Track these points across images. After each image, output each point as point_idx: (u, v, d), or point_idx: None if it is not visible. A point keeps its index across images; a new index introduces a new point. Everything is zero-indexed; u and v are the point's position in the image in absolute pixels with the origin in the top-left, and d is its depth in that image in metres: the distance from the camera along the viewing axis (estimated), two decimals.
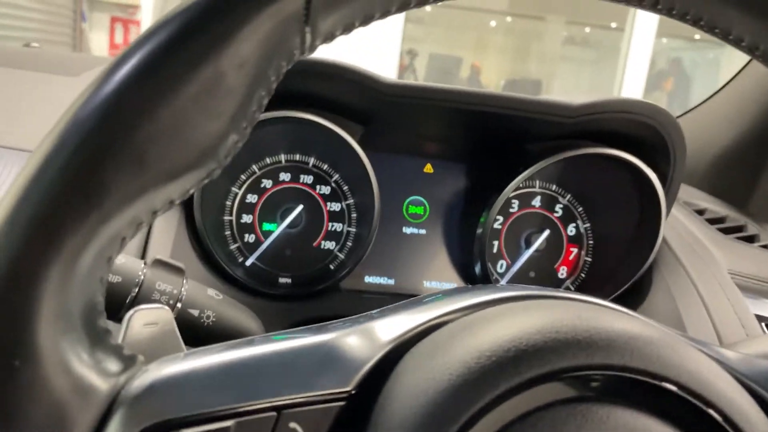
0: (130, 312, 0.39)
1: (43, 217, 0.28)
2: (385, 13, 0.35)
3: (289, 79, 0.74)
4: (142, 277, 0.46)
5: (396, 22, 8.81)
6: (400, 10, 0.36)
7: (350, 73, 0.71)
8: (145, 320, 0.39)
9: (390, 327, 0.39)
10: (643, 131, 0.80)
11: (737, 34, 0.37)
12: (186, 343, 0.49)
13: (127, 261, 0.47)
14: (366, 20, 0.35)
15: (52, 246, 0.28)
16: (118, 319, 0.47)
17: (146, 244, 0.71)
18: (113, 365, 0.31)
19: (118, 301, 0.45)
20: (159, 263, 0.48)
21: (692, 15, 0.38)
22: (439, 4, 0.38)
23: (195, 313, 0.47)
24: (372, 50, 8.29)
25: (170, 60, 0.30)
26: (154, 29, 0.30)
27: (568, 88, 10.99)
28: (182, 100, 0.30)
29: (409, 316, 0.40)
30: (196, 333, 0.47)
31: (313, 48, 0.34)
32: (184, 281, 0.48)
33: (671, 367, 0.35)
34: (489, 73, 10.87)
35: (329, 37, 0.34)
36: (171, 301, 0.46)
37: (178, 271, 0.48)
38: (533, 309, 0.38)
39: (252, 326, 0.52)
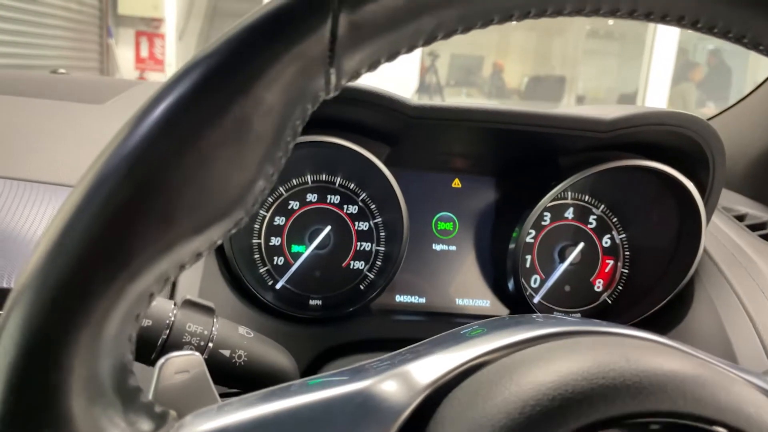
0: (161, 361, 0.38)
1: (70, 283, 0.27)
2: (411, 48, 0.34)
3: (323, 105, 0.73)
4: (173, 318, 0.46)
5: None
6: (426, 44, 0.34)
7: (377, 98, 0.70)
8: (177, 368, 0.38)
9: (426, 369, 0.37)
10: (679, 141, 0.77)
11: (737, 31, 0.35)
12: (218, 383, 0.48)
13: (157, 303, 0.46)
14: (392, 56, 0.34)
15: (81, 311, 0.27)
16: (150, 362, 0.46)
17: None
18: (146, 425, 0.31)
19: (150, 345, 0.44)
20: (189, 304, 0.47)
21: (735, 32, 0.36)
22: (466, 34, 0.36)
23: (226, 353, 0.46)
24: None
25: (193, 111, 0.29)
26: (176, 78, 0.30)
27: (592, 82, 10.85)
28: (208, 151, 0.29)
29: (445, 356, 0.39)
30: (228, 373, 0.46)
31: (338, 87, 0.33)
32: (215, 321, 0.47)
33: (727, 411, 0.33)
34: (512, 70, 10.80)
35: (355, 76, 0.33)
36: (202, 343, 0.45)
37: (208, 310, 0.48)
38: (577, 350, 0.36)
39: (284, 363, 0.50)
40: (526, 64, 11.33)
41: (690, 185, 0.77)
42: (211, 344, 0.46)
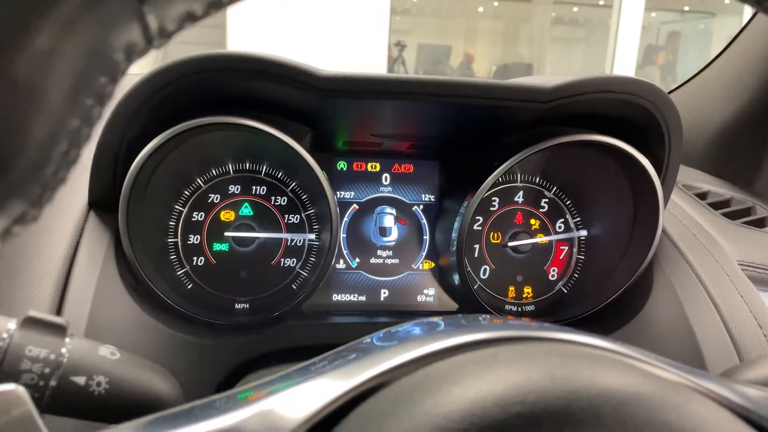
0: None
1: None
2: None
3: (221, 79, 0.64)
4: (8, 340, 0.37)
5: (382, 14, 8.70)
6: None
7: (282, 68, 0.61)
8: None
9: (305, 399, 0.30)
10: (631, 112, 0.70)
11: None
12: (74, 416, 0.39)
13: None
14: None
15: None
16: None
17: (68, 277, 0.62)
18: None
19: None
20: (31, 321, 0.38)
21: None
22: None
23: (80, 381, 0.37)
24: (359, 46, 8.17)
25: None
26: None
27: (560, 68, 10.91)
28: None
29: (331, 381, 0.31)
30: (84, 405, 0.38)
31: (164, 34, 0.24)
32: (67, 340, 0.39)
33: None
34: (480, 59, 10.78)
35: (187, 18, 0.25)
36: (47, 370, 0.37)
37: (58, 329, 0.39)
38: (493, 366, 0.29)
39: (161, 388, 0.42)
40: (494, 52, 11.32)
41: (644, 161, 0.70)
42: (60, 370, 0.37)
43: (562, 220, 0.83)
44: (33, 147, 0.23)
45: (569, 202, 0.83)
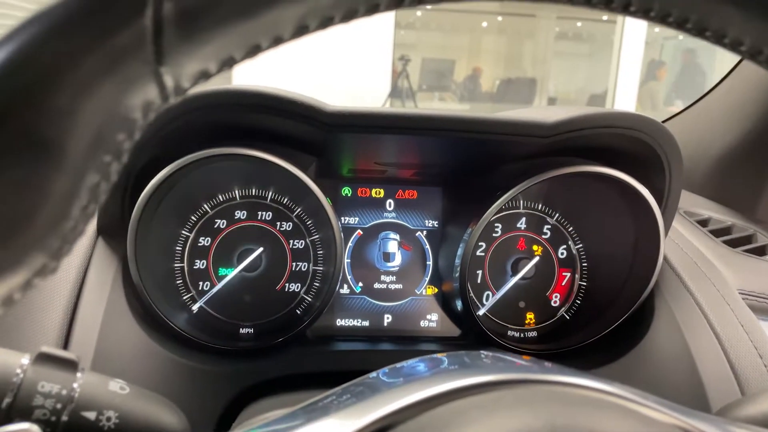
0: None
1: None
2: (273, 40, 0.27)
3: (230, 112, 0.66)
4: (22, 376, 0.38)
5: (386, 29, 8.75)
6: (293, 36, 0.27)
7: (288, 104, 0.62)
8: None
9: None
10: (632, 144, 0.71)
11: (735, 36, 0.29)
12: None
13: (2, 359, 0.38)
14: (249, 51, 0.26)
15: None
16: None
17: (76, 303, 0.63)
18: None
19: None
20: (44, 357, 0.39)
21: (676, 16, 0.30)
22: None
23: (91, 416, 0.38)
24: (363, 60, 8.22)
25: None
26: None
27: (563, 83, 10.94)
28: None
29: (339, 423, 0.32)
30: None
31: (180, 91, 0.26)
32: (78, 375, 0.40)
33: None
34: (484, 74, 10.83)
35: (201, 76, 0.26)
36: (59, 405, 0.38)
37: (69, 364, 0.40)
38: (495, 412, 0.30)
39: (169, 423, 0.43)
40: (498, 66, 11.37)
41: (645, 191, 0.71)
42: (72, 405, 0.38)
43: (565, 246, 0.84)
44: (53, 203, 0.24)
45: (571, 228, 0.83)
